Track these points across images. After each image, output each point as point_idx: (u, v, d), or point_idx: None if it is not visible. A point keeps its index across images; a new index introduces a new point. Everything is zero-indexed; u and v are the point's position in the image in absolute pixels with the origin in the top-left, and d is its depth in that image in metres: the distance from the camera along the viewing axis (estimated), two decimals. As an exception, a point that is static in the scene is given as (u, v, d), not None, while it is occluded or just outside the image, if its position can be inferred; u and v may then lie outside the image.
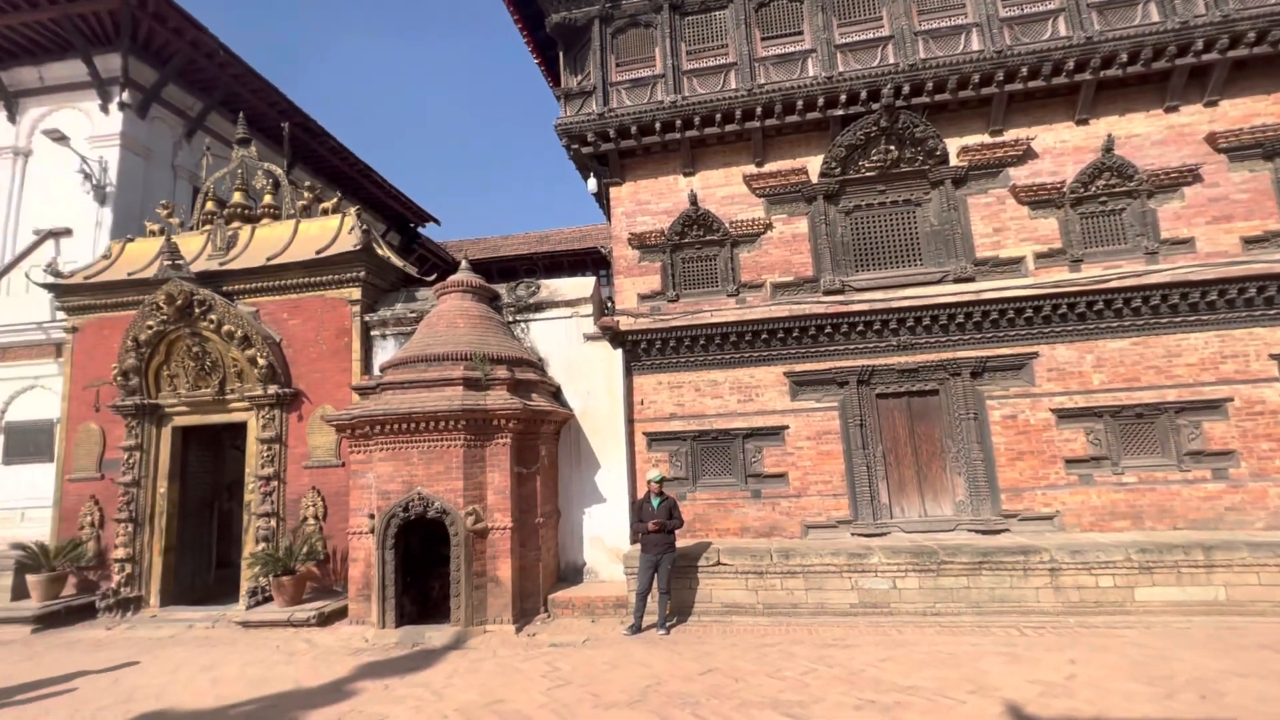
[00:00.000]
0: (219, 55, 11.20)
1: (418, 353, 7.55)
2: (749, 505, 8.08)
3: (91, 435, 8.94)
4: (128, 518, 8.47)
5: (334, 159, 14.51)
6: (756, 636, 6.31)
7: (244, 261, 8.95)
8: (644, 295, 8.74)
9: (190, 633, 7.42)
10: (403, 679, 5.42)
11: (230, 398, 8.67)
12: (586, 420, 8.44)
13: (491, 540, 7.00)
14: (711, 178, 8.91)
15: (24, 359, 9.93)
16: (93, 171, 10.24)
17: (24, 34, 10.38)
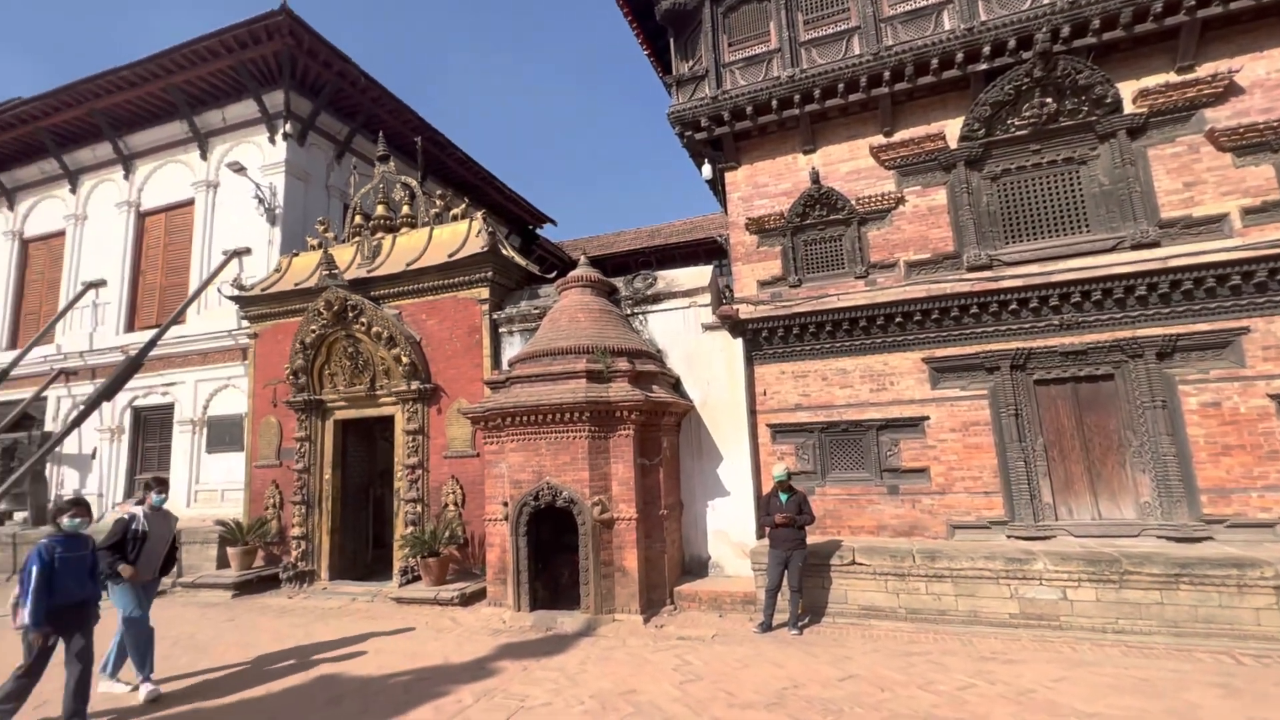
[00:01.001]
0: (361, 82, 12.29)
1: (542, 347, 7.79)
2: (885, 502, 7.52)
3: (271, 427, 10.19)
4: (301, 500, 9.56)
5: (460, 169, 15.47)
6: (900, 643, 5.84)
7: (387, 268, 9.74)
8: (764, 282, 8.41)
9: (354, 605, 8.21)
10: (539, 662, 5.60)
11: (380, 393, 9.49)
12: (707, 411, 8.28)
13: (617, 530, 7.07)
14: (834, 153, 8.36)
15: (219, 362, 11.53)
16: (264, 196, 11.65)
17: (210, 82, 12.01)
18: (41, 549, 4.40)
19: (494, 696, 4.81)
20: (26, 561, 4.39)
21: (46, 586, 4.31)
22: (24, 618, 4.25)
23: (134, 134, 13.08)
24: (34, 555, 4.38)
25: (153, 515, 5.38)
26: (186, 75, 11.77)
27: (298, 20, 10.79)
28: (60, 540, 4.54)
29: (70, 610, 4.45)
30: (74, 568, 4.51)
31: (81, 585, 4.56)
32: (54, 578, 4.36)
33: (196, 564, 9.82)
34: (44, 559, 4.36)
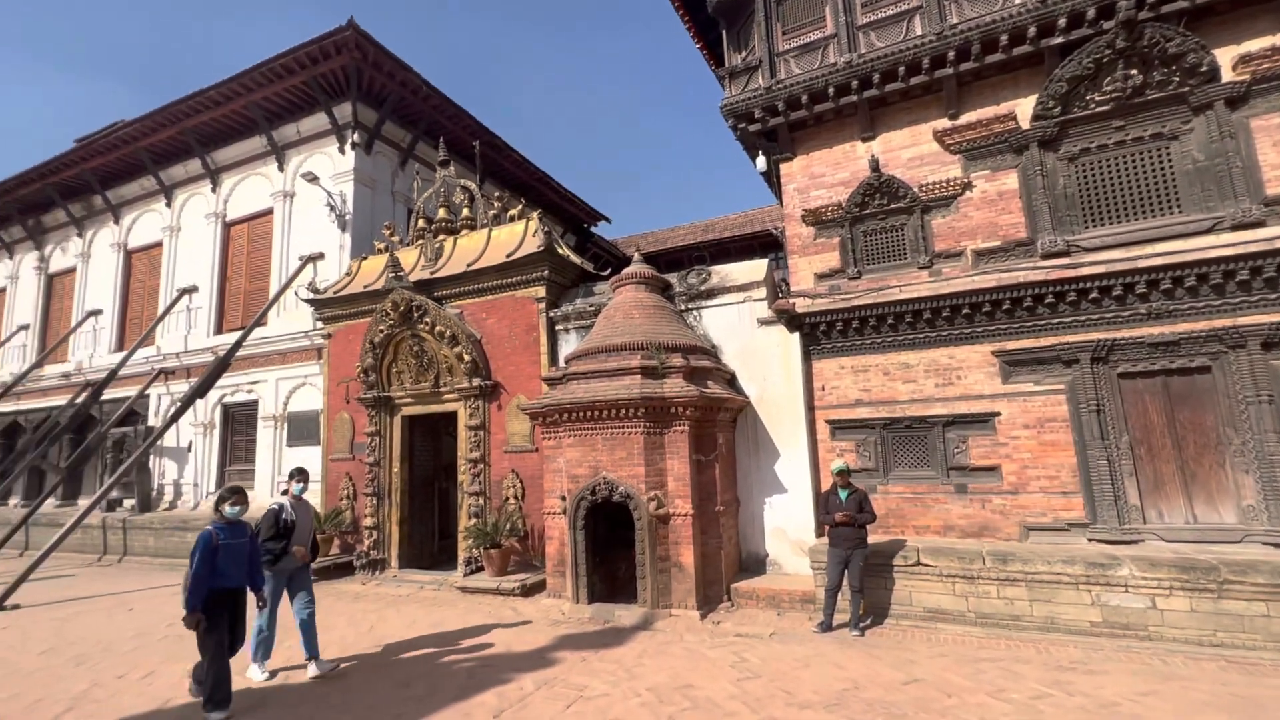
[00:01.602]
0: (422, 90, 12.75)
1: (597, 344, 7.89)
2: (952, 501, 7.22)
3: (344, 423, 10.76)
4: (372, 492, 10.06)
5: (517, 170, 15.82)
6: (969, 648, 5.61)
7: (449, 269, 10.09)
8: (821, 274, 8.21)
9: (421, 593, 8.58)
10: (597, 654, 5.69)
11: (443, 390, 9.85)
12: (763, 407, 8.18)
13: (673, 526, 7.09)
14: (894, 139, 8.07)
15: (296, 361, 12.26)
16: (335, 204, 12.28)
17: (285, 97, 12.74)
18: (206, 535, 4.57)
19: (554, 685, 4.93)
20: (194, 546, 4.60)
21: (209, 571, 4.50)
22: (184, 604, 4.45)
23: (219, 149, 14.04)
24: (199, 541, 4.55)
25: (296, 504, 5.60)
26: (264, 92, 12.53)
27: (363, 34, 11.29)
28: (222, 527, 4.71)
29: (227, 595, 4.66)
30: (234, 554, 4.68)
31: (240, 571, 4.74)
32: (216, 563, 4.54)
33: (280, 550, 10.49)
34: (208, 545, 4.52)
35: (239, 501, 4.92)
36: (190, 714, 4.62)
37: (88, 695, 5.07)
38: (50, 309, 17.09)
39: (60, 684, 5.37)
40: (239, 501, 4.92)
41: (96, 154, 14.68)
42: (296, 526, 5.48)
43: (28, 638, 6.92)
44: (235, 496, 4.93)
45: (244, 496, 5.02)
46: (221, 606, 4.62)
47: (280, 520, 5.40)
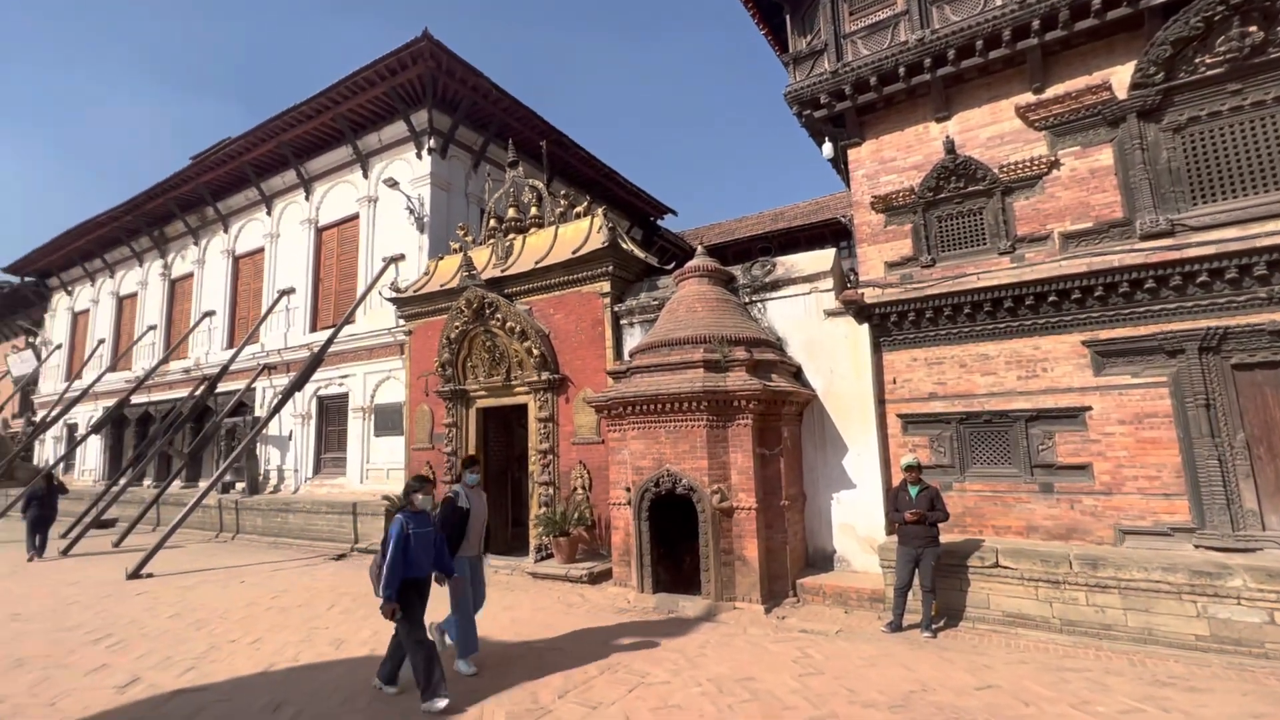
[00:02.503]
0: (493, 94, 13.21)
1: (660, 338, 7.96)
2: (1036, 501, 6.81)
3: (424, 414, 11.40)
4: (450, 480, 10.62)
5: (583, 167, 16.10)
6: (1052, 656, 5.30)
7: (518, 267, 10.45)
8: (892, 263, 7.91)
9: (495, 577, 8.99)
10: (659, 642, 5.79)
11: (514, 383, 10.24)
12: (830, 401, 7.99)
13: (737, 520, 7.08)
14: (972, 118, 7.63)
15: (382, 357, 13.08)
16: (414, 207, 12.96)
17: (368, 109, 13.55)
18: (399, 524, 4.53)
19: (617, 671, 5.08)
20: (385, 535, 4.60)
21: (402, 560, 4.45)
22: (379, 591, 4.42)
23: (311, 160, 15.12)
24: (392, 530, 4.53)
25: (471, 493, 5.50)
26: (349, 104, 13.37)
27: (437, 44, 11.82)
28: (411, 516, 4.64)
29: (420, 584, 4.63)
30: (423, 543, 4.63)
31: (428, 560, 4.69)
32: (408, 552, 4.50)
33: (368, 533, 11.29)
34: (400, 533, 4.48)
35: (429, 491, 4.85)
36: (290, 677, 5.10)
37: (206, 656, 5.69)
38: (173, 311, 19.03)
39: (184, 645, 6.05)
40: (429, 491, 4.85)
41: (208, 169, 16.18)
42: (471, 516, 5.38)
43: (158, 603, 7.82)
44: (425, 486, 4.85)
45: (432, 486, 4.94)
46: (414, 595, 4.57)
47: (456, 508, 5.33)
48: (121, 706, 4.61)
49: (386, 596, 4.39)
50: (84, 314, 22.43)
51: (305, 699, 4.66)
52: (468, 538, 5.34)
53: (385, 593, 4.39)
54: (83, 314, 22.52)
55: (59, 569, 10.41)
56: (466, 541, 5.32)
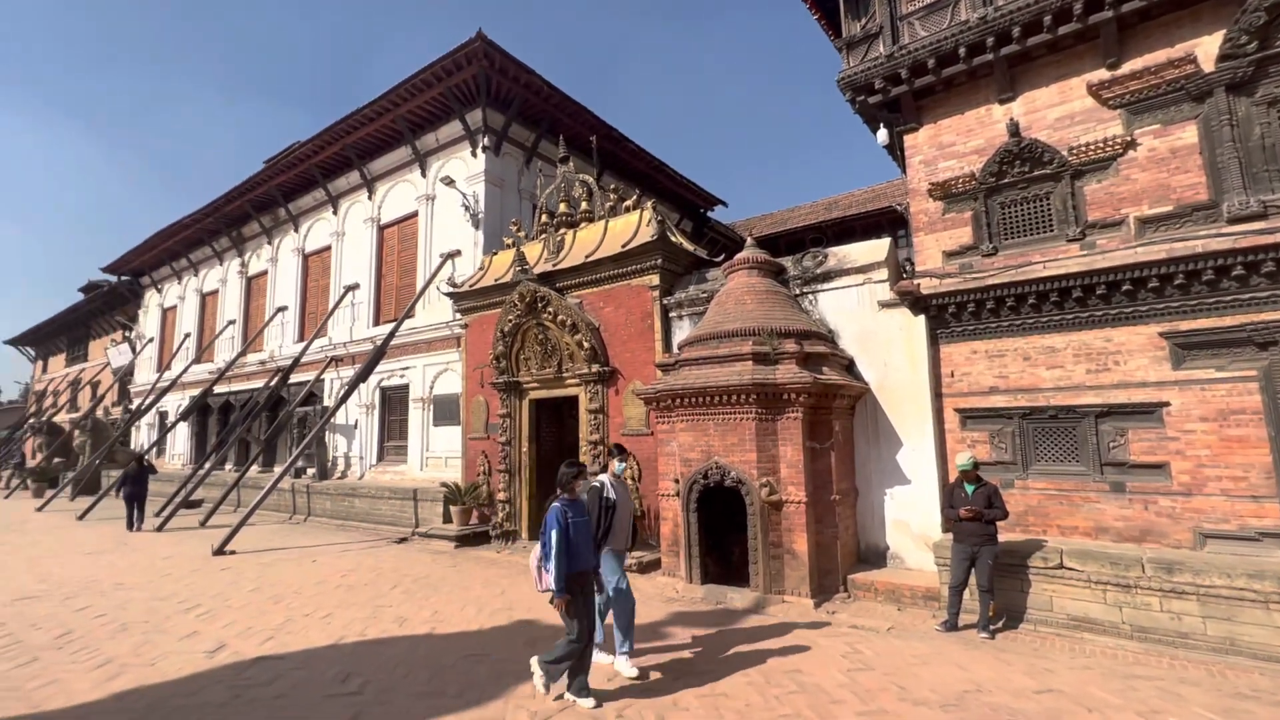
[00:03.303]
0: (544, 91, 13.44)
1: (709, 330, 7.96)
2: (1107, 501, 6.47)
3: (480, 405, 11.78)
4: (505, 469, 10.96)
5: (633, 160, 16.17)
6: (1121, 663, 5.07)
7: (569, 261, 10.63)
8: (950, 252, 7.64)
9: (548, 563, 9.24)
10: (708, 631, 5.85)
11: (566, 375, 10.45)
12: (884, 394, 7.81)
13: (786, 513, 7.04)
14: (1039, 98, 7.26)
15: (440, 349, 13.58)
16: (469, 204, 13.35)
17: (426, 109, 14.02)
18: (556, 513, 4.31)
19: (665, 656, 5.17)
20: (544, 526, 4.37)
21: (566, 551, 4.23)
22: (549, 582, 4.23)
23: (373, 161, 15.78)
24: (550, 518, 4.32)
25: (616, 483, 5.16)
26: (408, 106, 13.87)
27: (491, 44, 12.10)
28: (569, 504, 4.43)
29: (583, 578, 4.37)
30: (583, 533, 4.41)
31: (589, 551, 4.47)
32: (571, 542, 4.28)
33: (427, 518, 11.79)
34: (560, 523, 4.26)
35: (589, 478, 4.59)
36: (358, 650, 5.43)
37: (283, 628, 6.12)
38: (250, 306, 20.28)
39: (263, 617, 6.52)
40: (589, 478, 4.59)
41: (279, 172, 17.12)
42: (617, 507, 5.01)
43: (240, 578, 8.43)
44: (584, 472, 4.59)
45: (585, 472, 4.67)
46: (577, 590, 4.32)
47: (602, 499, 4.94)
48: (211, 670, 5.04)
49: (557, 590, 4.15)
50: (172, 310, 24.19)
51: (371, 671, 4.96)
52: (614, 531, 4.95)
53: (556, 585, 4.15)
54: (171, 310, 24.30)
55: (155, 543, 11.35)
56: (613, 535, 4.94)
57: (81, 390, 29.85)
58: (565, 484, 4.57)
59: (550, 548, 4.24)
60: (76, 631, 6.09)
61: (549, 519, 4.34)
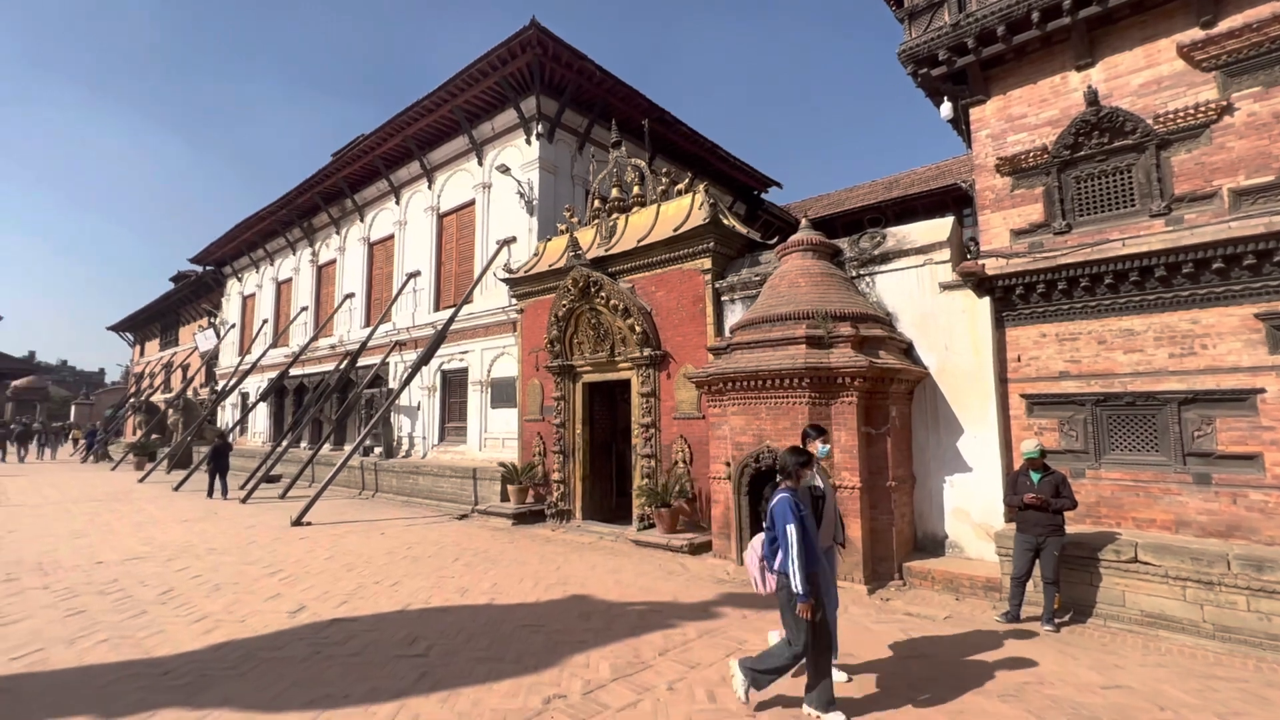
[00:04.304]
0: (596, 76, 13.47)
1: (761, 314, 7.89)
2: (1189, 493, 6.09)
3: (535, 388, 12.09)
4: (559, 450, 11.24)
5: (685, 143, 16.03)
6: (1199, 663, 4.80)
7: (621, 246, 10.71)
8: (1019, 230, 7.28)
9: (600, 542, 9.48)
10: (758, 613, 5.89)
11: (618, 359, 10.59)
12: (944, 379, 7.56)
13: (839, 499, 6.96)
14: (1121, 63, 6.77)
15: (496, 334, 13.98)
16: (524, 191, 13.60)
17: (482, 99, 14.32)
18: (789, 504, 3.74)
19: (715, 636, 5.25)
20: (772, 517, 3.83)
21: (806, 548, 3.69)
22: (796, 585, 3.62)
23: (433, 151, 16.26)
24: (784, 510, 3.75)
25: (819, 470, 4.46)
26: (465, 96, 14.20)
27: (544, 31, 12.21)
28: (795, 492, 3.89)
29: (814, 578, 3.77)
30: (813, 528, 3.87)
31: (819, 549, 3.90)
32: (809, 537, 3.74)
33: (485, 496, 12.25)
34: (796, 514, 3.71)
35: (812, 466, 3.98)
36: (423, 616, 5.76)
37: (355, 594, 6.55)
38: (320, 293, 21.38)
39: (338, 583, 6.99)
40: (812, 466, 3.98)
41: (346, 164, 17.88)
42: (826, 498, 4.30)
43: (316, 546, 9.03)
44: (811, 459, 3.99)
45: (814, 461, 4.05)
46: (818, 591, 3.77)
47: (812, 490, 4.22)
48: (293, 628, 5.46)
49: (803, 594, 3.62)
50: (251, 297, 25.78)
51: (435, 636, 5.26)
52: (823, 527, 4.22)
53: (801, 588, 3.62)
54: (250, 297, 25.90)
55: (240, 513, 12.27)
56: (821, 530, 4.16)
57: (174, 372, 32.31)
58: (790, 471, 3.96)
59: (789, 545, 3.68)
60: (177, 589, 6.71)
61: (780, 511, 3.75)
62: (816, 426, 4.74)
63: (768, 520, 3.88)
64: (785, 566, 3.71)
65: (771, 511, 3.84)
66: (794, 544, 3.67)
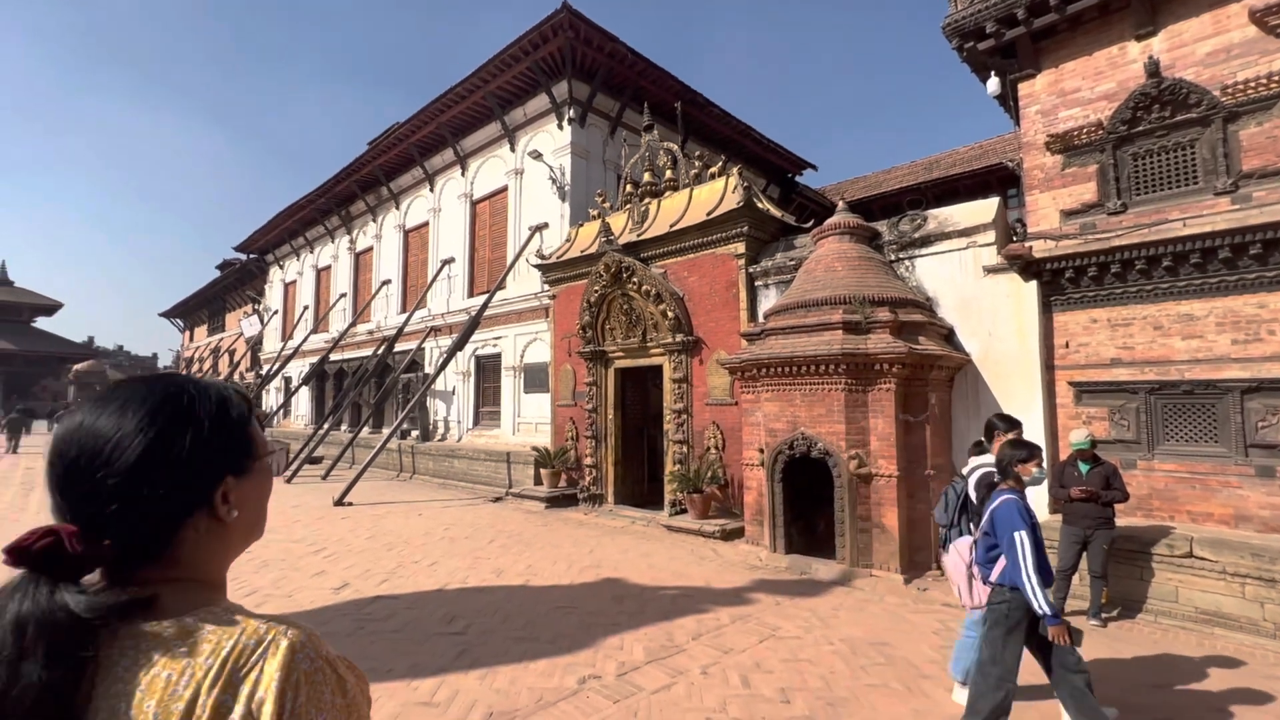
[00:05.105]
0: (628, 58, 13.32)
1: (796, 299, 7.76)
2: (1250, 486, 5.81)
3: (567, 373, 12.17)
4: (591, 435, 11.32)
5: (718, 125, 15.78)
6: (1258, 664, 4.60)
7: (653, 231, 10.63)
8: (1069, 211, 6.96)
9: (632, 526, 9.55)
10: (791, 600, 5.87)
11: (650, 345, 10.57)
12: (987, 366, 7.34)
13: (876, 487, 6.85)
14: (1185, 31, 6.37)
15: (529, 319, 14.09)
16: (556, 176, 13.60)
17: (514, 84, 14.32)
18: (1018, 509, 3.23)
19: (748, 621, 5.25)
20: (992, 522, 3.32)
21: (1043, 560, 3.20)
22: (1039, 604, 3.08)
23: (466, 138, 16.37)
24: (1010, 515, 3.22)
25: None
26: (497, 82, 14.21)
27: (576, 14, 12.11)
28: (1020, 494, 3.34)
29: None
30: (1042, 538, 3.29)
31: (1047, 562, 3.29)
32: (1042, 549, 3.23)
33: (519, 479, 12.44)
34: (1027, 521, 3.20)
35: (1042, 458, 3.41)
36: (460, 596, 5.90)
37: (395, 573, 6.74)
38: (359, 280, 21.86)
39: (379, 562, 7.20)
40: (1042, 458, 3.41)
41: (381, 152, 18.14)
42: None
43: (357, 526, 9.32)
44: (1036, 451, 3.40)
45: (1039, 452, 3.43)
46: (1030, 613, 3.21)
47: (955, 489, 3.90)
48: (338, 604, 5.66)
49: (1051, 616, 3.10)
50: (292, 284, 26.52)
51: (472, 614, 5.38)
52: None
53: (1048, 609, 3.08)
54: (291, 284, 26.64)
55: (285, 493, 12.72)
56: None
57: (221, 357, 33.57)
58: (1009, 468, 3.38)
59: (1021, 557, 3.12)
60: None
61: (1004, 516, 3.24)
62: (1006, 417, 4.13)
63: (985, 525, 3.39)
64: (1014, 580, 3.16)
65: (992, 515, 3.32)
66: (1028, 555, 3.12)
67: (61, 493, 0.72)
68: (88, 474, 0.71)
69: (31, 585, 0.66)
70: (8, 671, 0.62)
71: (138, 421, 0.73)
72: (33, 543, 0.66)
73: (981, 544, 3.43)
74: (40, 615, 0.64)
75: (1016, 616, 3.24)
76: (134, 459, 0.71)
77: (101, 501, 0.70)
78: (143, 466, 0.71)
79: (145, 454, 0.72)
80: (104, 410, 0.74)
